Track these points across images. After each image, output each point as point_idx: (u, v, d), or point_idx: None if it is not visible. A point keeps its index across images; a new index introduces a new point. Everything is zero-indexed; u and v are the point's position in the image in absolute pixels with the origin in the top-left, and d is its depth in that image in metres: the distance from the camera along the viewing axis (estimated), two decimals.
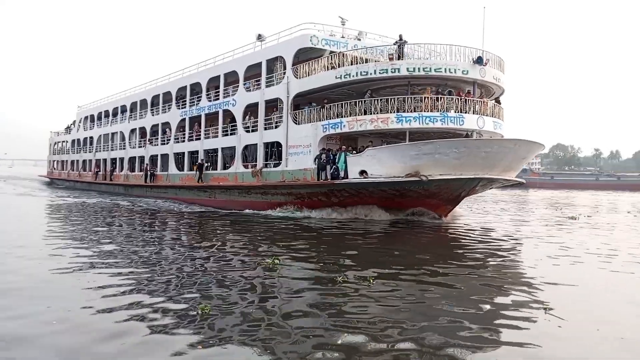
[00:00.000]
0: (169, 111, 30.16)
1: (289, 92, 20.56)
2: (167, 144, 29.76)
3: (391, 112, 17.50)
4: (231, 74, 24.71)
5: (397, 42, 18.47)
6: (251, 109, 23.16)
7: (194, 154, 27.30)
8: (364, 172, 17.25)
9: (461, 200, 18.62)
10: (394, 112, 17.45)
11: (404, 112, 17.39)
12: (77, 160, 43.92)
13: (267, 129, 21.95)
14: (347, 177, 17.57)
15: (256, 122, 22.55)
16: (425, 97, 17.48)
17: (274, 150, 21.60)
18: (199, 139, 26.65)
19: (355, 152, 18.38)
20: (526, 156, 18.28)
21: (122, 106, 36.59)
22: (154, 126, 31.71)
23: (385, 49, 19.91)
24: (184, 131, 28.34)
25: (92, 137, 41.42)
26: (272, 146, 21.72)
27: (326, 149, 18.64)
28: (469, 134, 18.29)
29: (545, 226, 17.70)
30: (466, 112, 17.67)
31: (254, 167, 22.22)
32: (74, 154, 45.03)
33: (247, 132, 23.02)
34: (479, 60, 17.78)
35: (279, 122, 21.27)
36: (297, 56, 20.80)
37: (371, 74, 17.88)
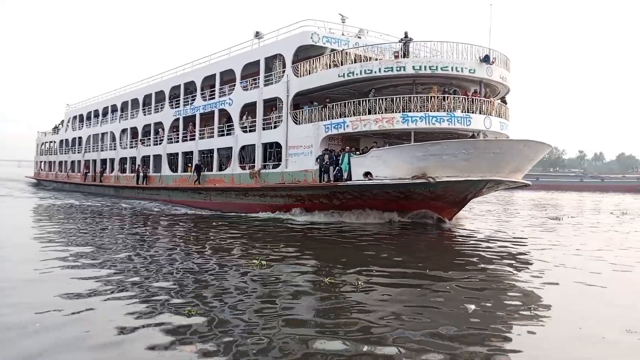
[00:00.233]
0: (161, 111, 29.34)
1: (288, 91, 19.92)
2: (160, 144, 28.94)
3: (396, 111, 16.95)
4: (227, 73, 24.00)
5: (402, 40, 17.91)
6: (248, 109, 22.49)
7: (187, 155, 26.55)
8: (368, 174, 16.66)
9: (467, 202, 18.12)
10: (400, 112, 16.90)
11: (410, 111, 16.85)
12: (66, 161, 42.88)
13: (265, 129, 21.28)
14: (350, 178, 16.98)
15: (254, 122, 21.87)
16: (432, 97, 16.95)
17: (273, 150, 20.95)
18: (193, 139, 25.88)
19: (358, 152, 17.80)
20: (534, 157, 17.81)
21: (113, 105, 35.66)
22: (146, 126, 30.86)
23: (388, 46, 19.39)
24: (178, 131, 27.55)
25: (81, 138, 40.45)
26: (271, 147, 21.06)
27: (329, 150, 18.02)
28: (475, 135, 17.82)
29: (530, 227, 17.85)
30: (473, 112, 17.19)
31: (251, 168, 21.53)
32: (62, 154, 44.00)
33: (245, 132, 22.32)
34: (486, 58, 17.31)
35: (278, 122, 20.61)
36: (297, 54, 20.18)
37: (376, 72, 17.31)
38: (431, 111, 16.83)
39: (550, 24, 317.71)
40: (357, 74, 17.57)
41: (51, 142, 48.08)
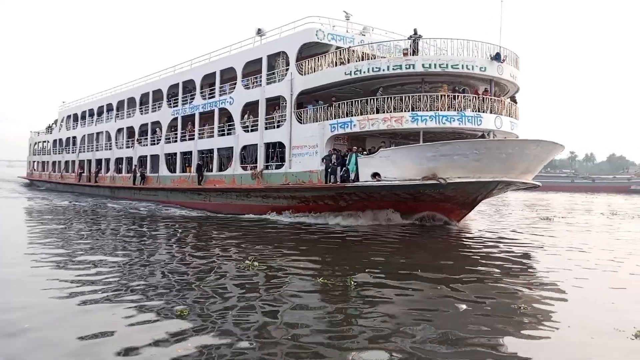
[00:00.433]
0: (159, 110, 28.68)
1: (292, 90, 19.39)
2: (158, 144, 28.28)
3: (405, 110, 16.47)
4: (228, 71, 23.42)
5: (411, 37, 17.42)
6: (250, 108, 21.91)
7: (186, 155, 25.93)
8: (376, 175, 16.16)
9: (477, 204, 17.67)
10: (409, 111, 16.42)
11: (420, 110, 16.37)
12: (59, 161, 42.09)
13: (268, 128, 20.72)
14: (357, 179, 16.48)
15: (256, 121, 21.31)
16: (442, 95, 16.49)
17: (276, 150, 20.39)
18: (192, 139, 25.27)
19: (366, 152, 17.29)
20: (545, 158, 17.39)
21: (108, 105, 34.94)
22: (143, 125, 30.18)
23: (394, 44, 18.90)
24: (176, 131, 26.92)
25: (75, 137, 39.68)
26: (274, 147, 20.50)
27: (336, 150, 17.51)
28: (485, 135, 17.38)
29: (521, 227, 17.81)
30: (484, 111, 16.75)
31: (253, 168, 20.96)
32: (56, 154, 43.19)
33: (246, 131, 21.75)
34: (497, 56, 16.85)
35: (281, 121, 20.06)
36: (301, 52, 19.65)
37: (384, 70, 16.81)
38: (441, 110, 16.36)
39: (546, 24, 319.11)
40: (364, 72, 17.06)
41: (44, 141, 47.28)
